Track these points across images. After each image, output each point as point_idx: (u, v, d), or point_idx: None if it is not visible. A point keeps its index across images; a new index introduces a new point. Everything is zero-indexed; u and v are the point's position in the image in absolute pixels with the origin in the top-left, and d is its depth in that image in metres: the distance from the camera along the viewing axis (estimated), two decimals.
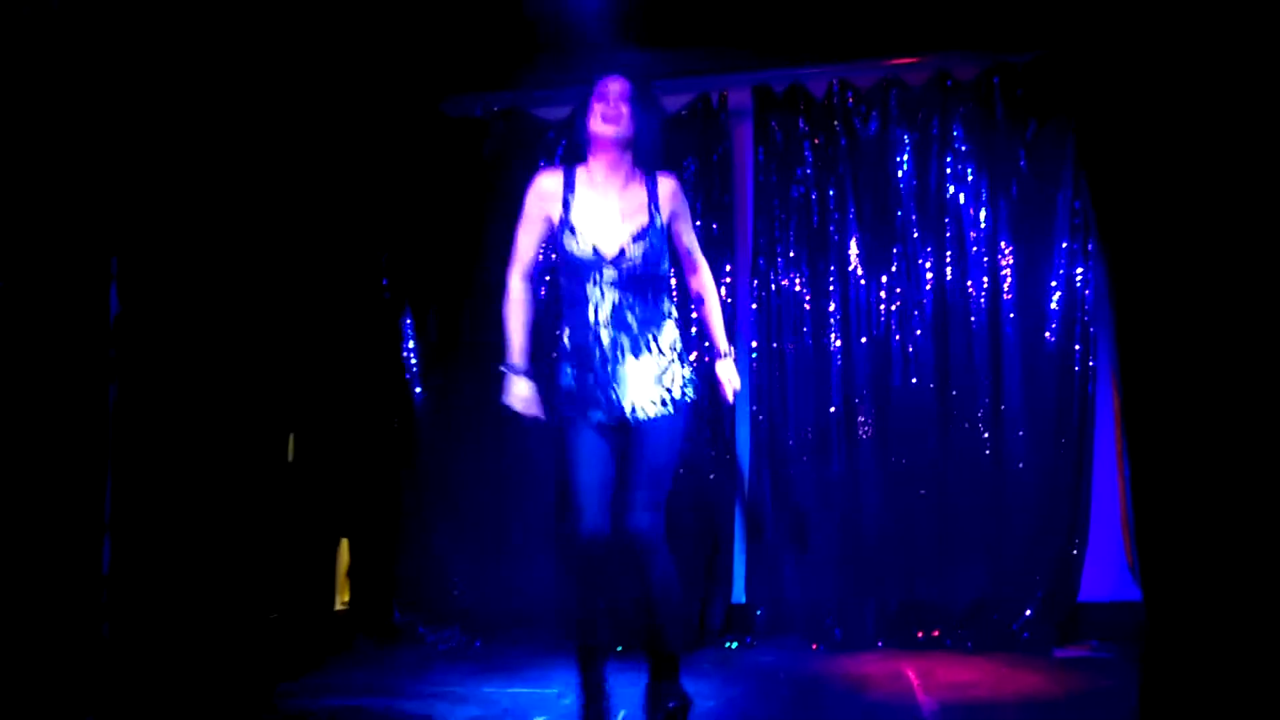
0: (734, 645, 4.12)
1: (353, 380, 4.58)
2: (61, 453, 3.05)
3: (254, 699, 3.16)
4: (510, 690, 3.46)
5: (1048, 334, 4.15)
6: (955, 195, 4.27)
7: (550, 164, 4.55)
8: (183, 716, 2.84)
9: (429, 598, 4.43)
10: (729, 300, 4.38)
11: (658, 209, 2.86)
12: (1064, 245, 4.17)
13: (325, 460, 4.58)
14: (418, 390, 4.58)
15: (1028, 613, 4.00)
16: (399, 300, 4.63)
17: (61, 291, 3.07)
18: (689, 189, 4.45)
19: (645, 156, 2.89)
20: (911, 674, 3.58)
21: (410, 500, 4.52)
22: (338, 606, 4.81)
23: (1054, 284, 4.16)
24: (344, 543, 4.78)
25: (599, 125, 2.81)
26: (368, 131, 4.51)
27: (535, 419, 2.86)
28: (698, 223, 4.43)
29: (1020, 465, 4.10)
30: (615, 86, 2.84)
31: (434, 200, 4.62)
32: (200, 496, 3.47)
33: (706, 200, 4.46)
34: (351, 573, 4.70)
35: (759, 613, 4.20)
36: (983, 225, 4.24)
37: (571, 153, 4.53)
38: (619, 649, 3.53)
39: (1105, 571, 4.08)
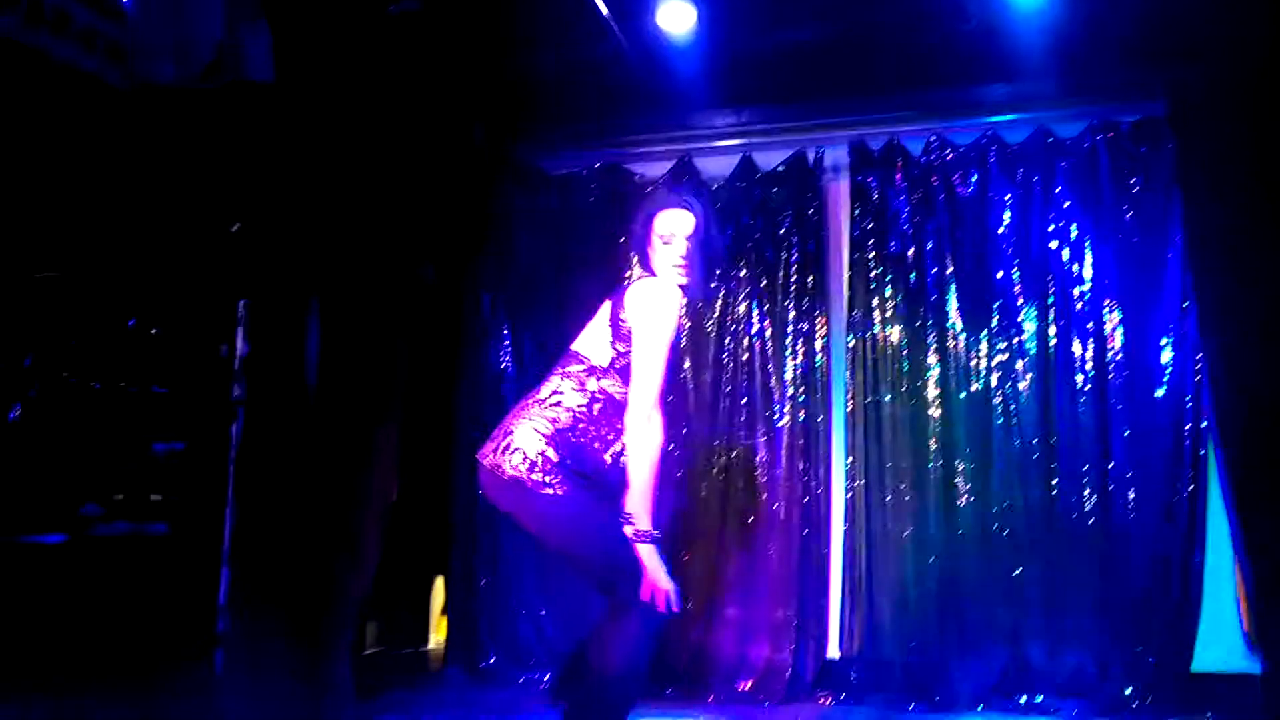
0: (827, 701, 4.05)
1: (451, 423, 4.73)
2: (187, 487, 3.24)
3: None
4: None
5: (1158, 394, 4.03)
6: (1058, 251, 4.21)
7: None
8: None
9: (520, 639, 4.49)
10: (821, 356, 4.40)
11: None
12: (1174, 303, 4.06)
13: (422, 501, 4.72)
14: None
15: (1137, 681, 3.84)
16: (501, 336, 4.76)
17: (189, 332, 3.29)
18: (784, 244, 4.53)
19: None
20: None
21: (505, 542, 4.61)
22: (432, 645, 4.91)
23: (1164, 343, 4.05)
24: (439, 581, 4.89)
25: (665, 272, 2.64)
26: (479, 187, 4.72)
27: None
28: (794, 277, 4.50)
29: (1129, 528, 3.96)
30: (680, 226, 2.65)
31: (539, 254, 4.77)
32: (311, 530, 3.61)
33: (801, 254, 4.50)
34: (446, 611, 4.80)
35: (853, 669, 4.13)
36: (1088, 282, 4.17)
37: None
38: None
39: (1221, 642, 3.89)
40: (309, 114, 3.56)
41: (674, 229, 2.65)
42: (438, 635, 4.93)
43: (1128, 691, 3.83)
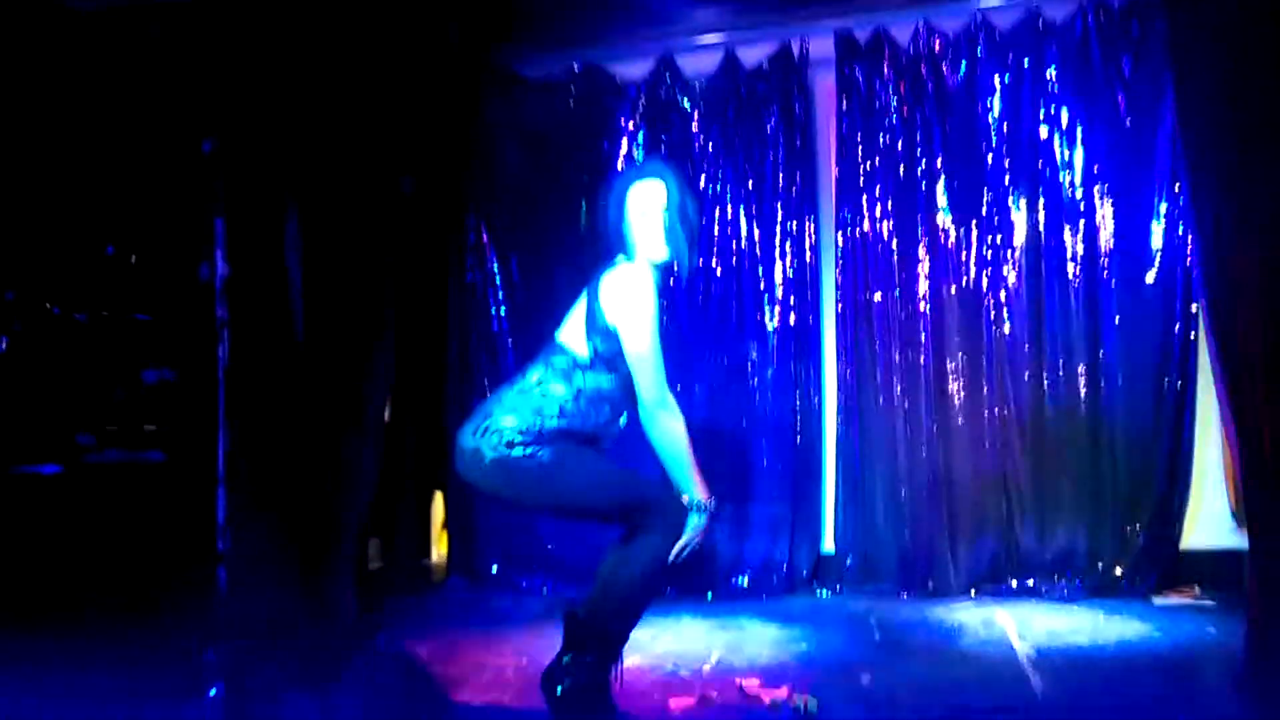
0: (824, 593, 4.14)
1: (444, 339, 4.71)
2: (179, 413, 3.22)
3: (357, 640, 3.31)
4: None
5: (1148, 279, 4.03)
6: (1049, 138, 4.14)
7: (631, 118, 4.58)
8: (291, 654, 2.99)
9: (519, 548, 4.55)
10: (810, 255, 4.36)
11: None
12: (1164, 186, 4.02)
13: (418, 417, 4.73)
14: (509, 353, 4.66)
15: (1127, 561, 3.92)
16: (486, 248, 4.71)
17: (169, 256, 3.23)
18: (770, 142, 4.45)
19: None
20: (1007, 621, 3.56)
21: None
22: (434, 559, 4.99)
23: (1154, 226, 4.03)
24: (439, 496, 4.94)
25: (646, 247, 2.59)
26: (453, 93, 4.59)
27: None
28: (781, 176, 4.43)
29: (1119, 412, 4.00)
30: (655, 199, 2.58)
31: (521, 160, 4.68)
32: (307, 452, 3.62)
33: (789, 152, 4.42)
34: (446, 525, 4.86)
35: (848, 561, 4.21)
36: (1078, 169, 4.12)
37: (652, 108, 4.57)
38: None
39: (1209, 519, 3.97)
40: (278, 22, 3.43)
41: (649, 203, 2.58)
42: (439, 549, 5.00)
43: (1117, 571, 3.93)
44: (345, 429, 3.78)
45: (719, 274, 4.48)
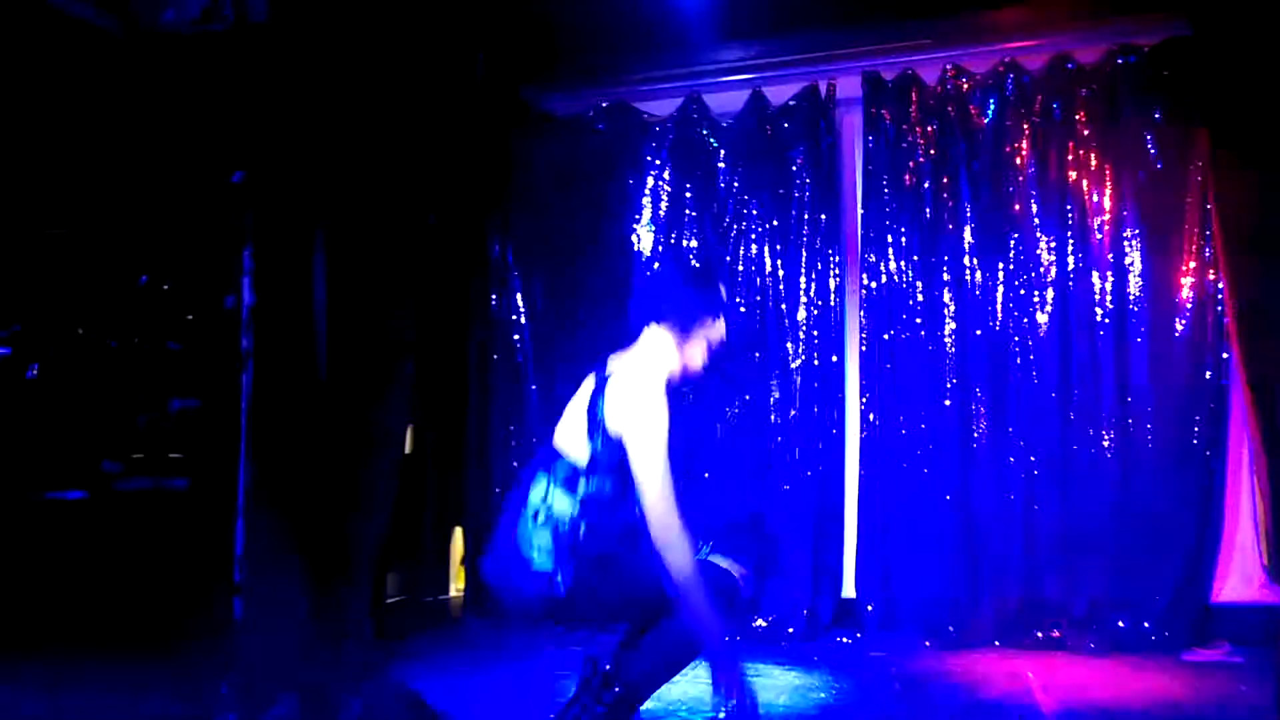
0: (844, 640, 4.07)
1: (466, 372, 4.72)
2: (203, 441, 3.24)
3: (371, 673, 3.29)
4: None
5: (1178, 326, 3.96)
6: (1078, 181, 4.10)
7: (658, 155, 4.60)
8: (309, 685, 2.98)
9: (538, 585, 4.51)
10: (835, 295, 4.34)
11: None
12: (1196, 232, 3.97)
13: (440, 452, 4.74)
14: (532, 388, 4.66)
15: (1155, 614, 3.82)
16: (512, 282, 4.72)
17: (198, 285, 3.27)
18: (795, 181, 4.44)
19: None
20: (1030, 674, 3.48)
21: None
22: (453, 593, 4.97)
23: (1185, 274, 3.97)
24: (458, 531, 4.93)
25: (695, 363, 2.58)
26: (482, 128, 4.64)
27: None
28: (806, 215, 4.42)
29: (1148, 462, 3.92)
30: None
31: (547, 194, 4.71)
32: (324, 479, 3.63)
33: (815, 190, 4.41)
34: (465, 561, 4.84)
35: (869, 608, 4.14)
36: (1108, 213, 4.07)
37: (679, 146, 4.59)
38: None
39: (1240, 574, 3.87)
40: (308, 54, 3.48)
41: (722, 333, 2.62)
42: (458, 584, 4.98)
43: (1145, 624, 3.83)
44: (365, 461, 3.79)
45: (742, 311, 4.46)
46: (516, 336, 4.69)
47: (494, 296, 4.73)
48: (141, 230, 4.49)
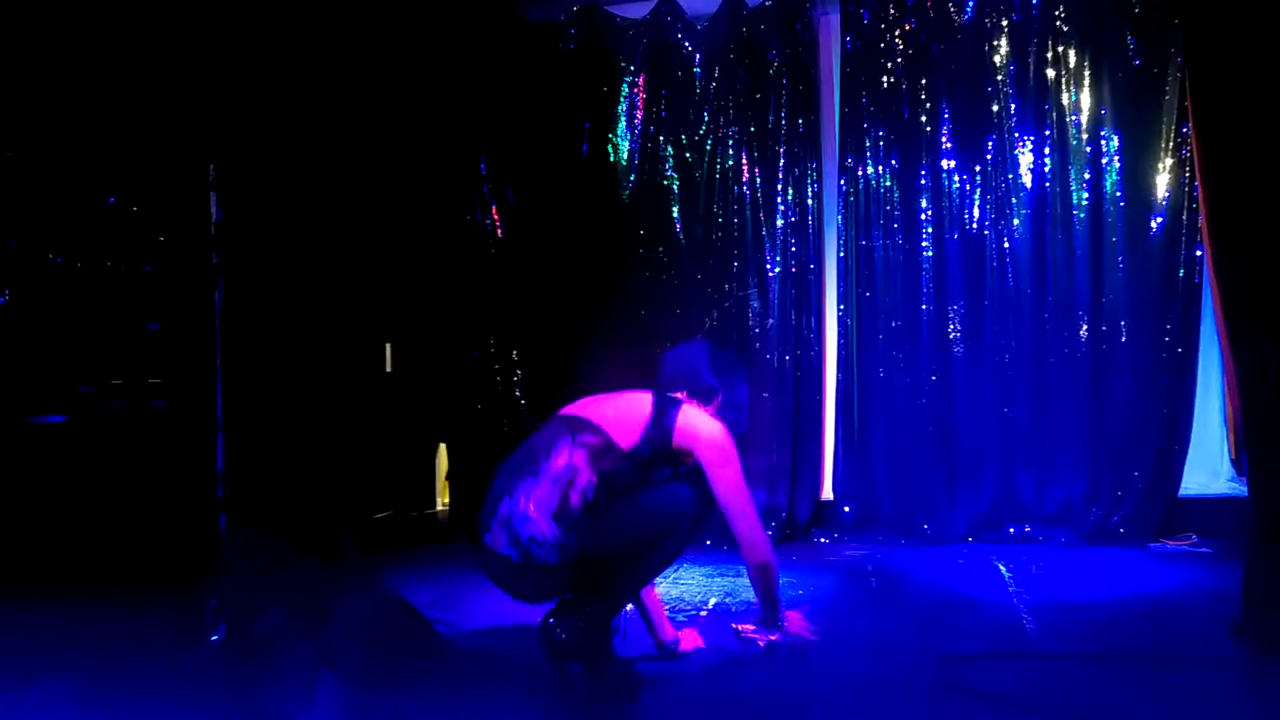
0: (822, 540, 4.16)
1: (449, 291, 4.69)
2: (177, 359, 3.23)
3: (357, 586, 3.34)
4: None
5: (1153, 224, 3.97)
6: (1057, 80, 4.07)
7: (631, 59, 4.51)
8: (297, 595, 3.03)
9: None
10: (813, 201, 4.31)
11: None
12: (1172, 129, 3.95)
13: (423, 369, 4.74)
14: (509, 302, 4.64)
15: (1125, 508, 3.92)
16: (486, 194, 4.65)
17: (166, 201, 3.21)
18: (773, 85, 4.37)
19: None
20: (1003, 567, 3.57)
21: (506, 405, 4.64)
22: (439, 508, 5.03)
23: (1161, 173, 3.96)
24: (442, 448, 4.97)
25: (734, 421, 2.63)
26: (455, 40, 4.52)
27: None
28: (784, 121, 4.36)
29: (1120, 360, 3.98)
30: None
31: (522, 101, 4.61)
32: (304, 400, 3.64)
33: (791, 94, 4.35)
34: (451, 476, 4.89)
35: (847, 509, 4.22)
36: (1085, 111, 4.05)
37: (653, 51, 4.49)
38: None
39: (1208, 468, 3.96)
40: None
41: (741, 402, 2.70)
42: (444, 499, 5.03)
43: (1115, 518, 3.93)
44: (343, 375, 3.80)
45: (720, 220, 4.43)
46: (494, 250, 4.65)
47: (470, 208, 4.67)
48: (107, 150, 4.39)
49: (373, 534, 4.34)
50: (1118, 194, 4.01)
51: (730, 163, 4.43)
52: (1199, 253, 3.88)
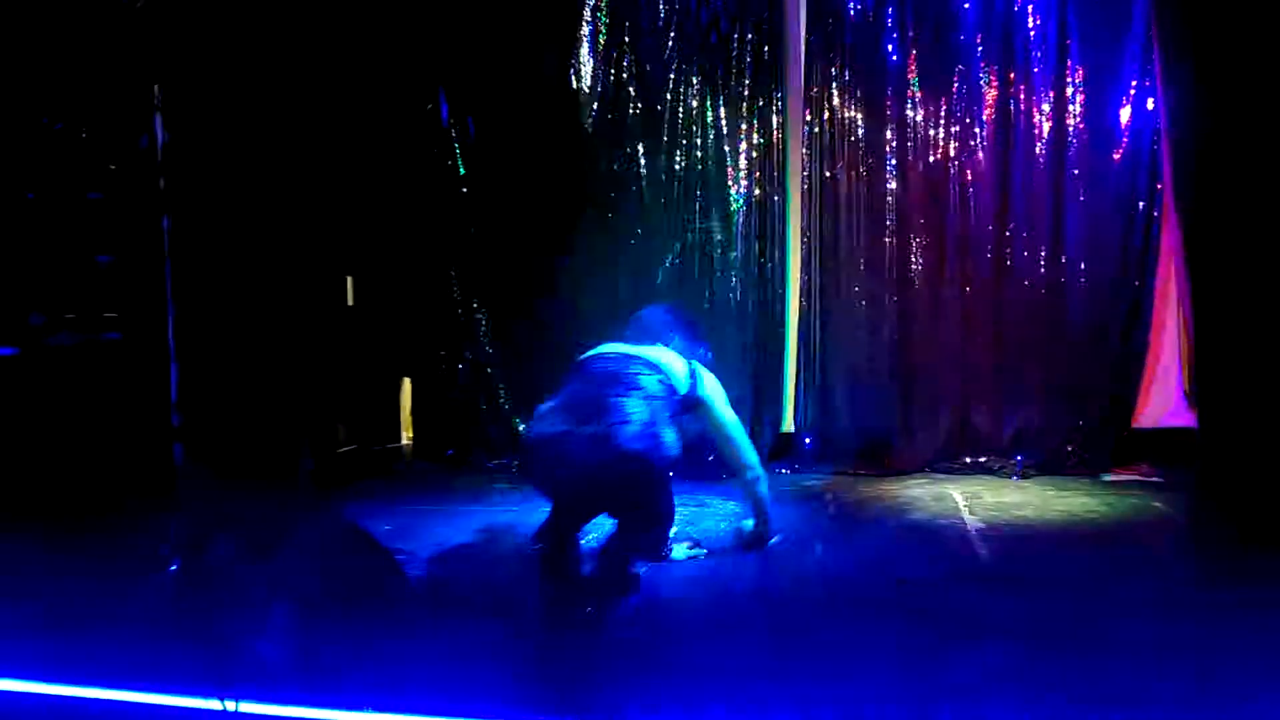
0: (783, 471, 4.20)
1: (410, 223, 4.61)
2: (128, 289, 3.15)
3: (316, 516, 3.34)
4: None
5: (1115, 156, 3.98)
6: (1023, 7, 4.03)
7: None
8: (250, 524, 3.01)
9: (488, 430, 4.57)
10: (778, 133, 4.26)
11: None
12: (1137, 65, 3.93)
13: (386, 303, 4.68)
14: (472, 231, 4.58)
15: (1079, 439, 4.00)
16: (448, 129, 4.56)
17: (115, 127, 3.10)
18: (737, 16, 4.29)
19: None
20: (958, 496, 3.63)
21: (469, 339, 4.60)
22: (404, 442, 5.01)
23: (1124, 104, 3.95)
24: (406, 382, 4.93)
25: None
26: None
27: None
28: (749, 53, 4.29)
29: (1079, 293, 4.02)
30: None
31: (481, 29, 4.49)
32: (259, 331, 3.58)
33: (756, 27, 4.28)
34: (414, 410, 4.86)
35: (808, 440, 4.26)
36: (1052, 43, 4.01)
37: None
38: None
39: (1161, 399, 4.03)
40: None
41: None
42: (408, 433, 5.01)
43: (1069, 448, 4.00)
44: (300, 306, 3.74)
45: (683, 151, 4.38)
46: (455, 181, 4.56)
47: (430, 139, 4.56)
48: (52, 72, 4.23)
49: (334, 466, 4.31)
50: (1081, 126, 4.00)
51: (694, 92, 4.36)
52: (1159, 185, 3.89)
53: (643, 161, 4.42)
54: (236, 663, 2.06)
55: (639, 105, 4.41)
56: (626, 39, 4.41)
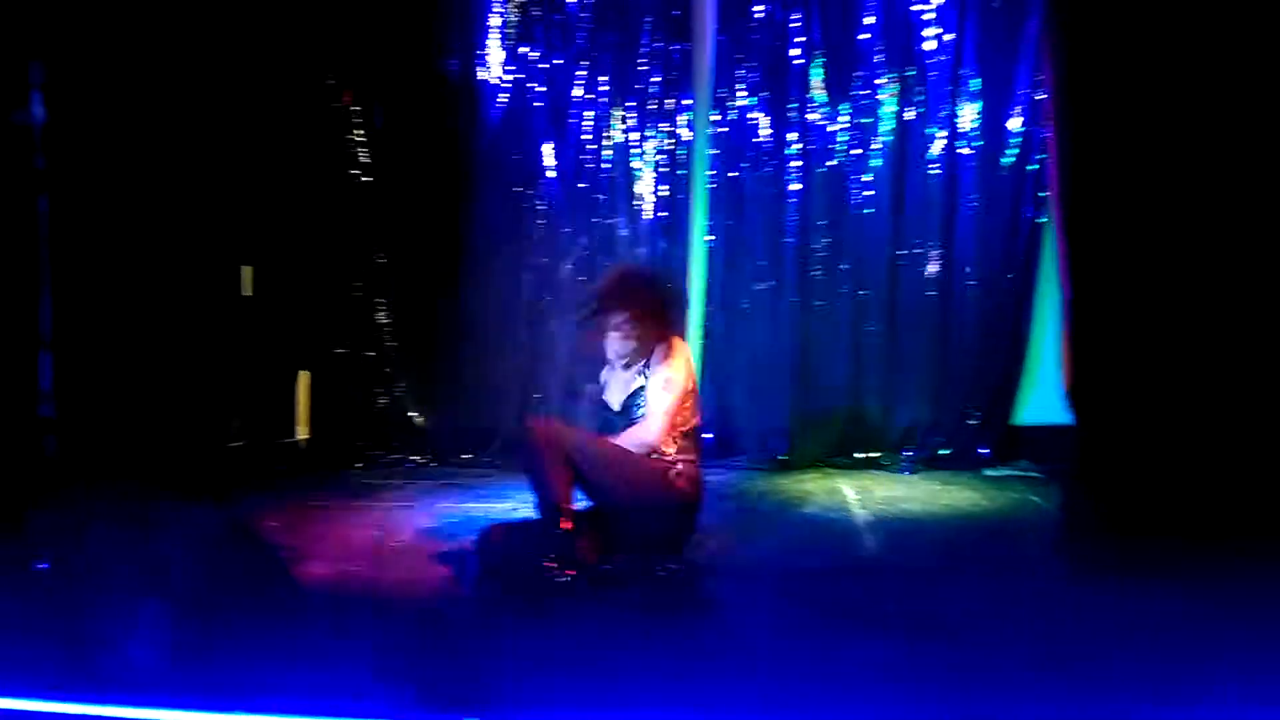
0: None
1: (311, 213, 4.49)
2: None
3: (202, 512, 3.22)
4: (464, 505, 3.55)
5: (1005, 163, 4.13)
6: (923, 19, 4.15)
7: None
8: (129, 518, 2.89)
9: (387, 426, 4.49)
10: (686, 132, 4.29)
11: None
12: (1028, 74, 4.09)
13: (284, 295, 4.55)
14: (375, 223, 4.49)
15: (964, 436, 4.14)
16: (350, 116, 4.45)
17: None
18: (647, 12, 4.31)
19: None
20: (849, 490, 3.72)
21: (370, 333, 4.52)
22: (300, 436, 4.87)
23: (1016, 112, 4.11)
24: (304, 376, 4.80)
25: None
26: None
27: None
28: (658, 50, 4.31)
29: (967, 295, 4.16)
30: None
31: (386, 16, 4.40)
32: (147, 319, 3.44)
33: (667, 21, 4.31)
34: (312, 403, 4.74)
35: (708, 436, 4.29)
36: (948, 49, 4.14)
37: None
38: None
39: (1041, 398, 4.20)
40: None
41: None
42: (304, 428, 4.88)
43: (955, 446, 4.14)
44: (190, 295, 3.61)
45: (591, 147, 4.38)
46: (359, 171, 4.47)
47: (334, 127, 4.46)
48: None
49: (226, 461, 4.17)
50: (974, 134, 4.14)
51: (604, 88, 4.37)
52: (1043, 194, 4.05)
53: (550, 157, 4.41)
54: (106, 665, 1.98)
55: (548, 100, 4.40)
56: (535, 32, 4.39)
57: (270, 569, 2.64)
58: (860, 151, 4.21)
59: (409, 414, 4.47)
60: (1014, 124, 4.11)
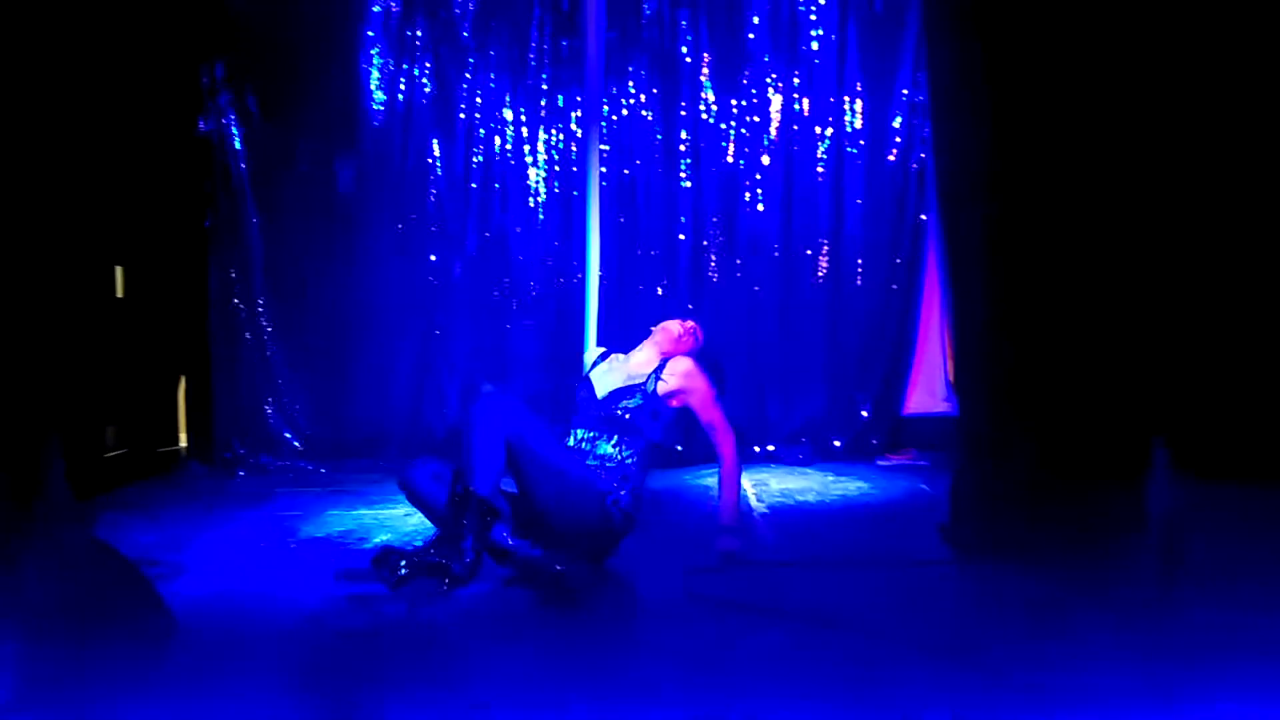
0: None
1: (186, 210, 4.30)
2: None
3: (67, 526, 3.04)
4: (355, 512, 3.45)
5: (889, 161, 4.24)
6: (808, 20, 4.23)
7: None
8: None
9: (270, 432, 4.34)
10: (577, 128, 4.27)
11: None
12: (908, 74, 4.20)
13: (161, 296, 4.35)
14: (254, 220, 4.32)
15: (856, 428, 4.25)
16: (226, 105, 4.28)
17: None
18: (536, 6, 4.27)
19: None
20: (747, 484, 3.76)
21: (249, 334, 4.35)
22: (182, 444, 4.68)
23: (896, 112, 4.22)
24: (183, 381, 4.60)
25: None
26: None
27: None
28: (548, 46, 4.27)
29: (856, 292, 4.27)
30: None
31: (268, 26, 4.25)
32: (10, 323, 3.24)
33: (556, 17, 4.28)
34: (190, 408, 4.55)
35: None
36: (831, 49, 4.24)
37: None
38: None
39: (927, 389, 4.33)
40: None
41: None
42: (184, 435, 4.69)
43: (848, 437, 4.25)
44: (54, 293, 3.42)
45: (482, 143, 4.32)
46: (234, 164, 4.29)
47: (207, 117, 4.27)
48: None
49: (99, 471, 3.96)
50: (858, 134, 4.23)
51: (493, 85, 4.31)
52: (928, 194, 4.18)
53: (438, 152, 4.32)
54: None
55: (435, 95, 4.32)
56: (421, 28, 4.30)
57: (130, 586, 2.50)
58: (751, 151, 4.26)
59: (295, 419, 4.32)
60: (896, 123, 4.21)
